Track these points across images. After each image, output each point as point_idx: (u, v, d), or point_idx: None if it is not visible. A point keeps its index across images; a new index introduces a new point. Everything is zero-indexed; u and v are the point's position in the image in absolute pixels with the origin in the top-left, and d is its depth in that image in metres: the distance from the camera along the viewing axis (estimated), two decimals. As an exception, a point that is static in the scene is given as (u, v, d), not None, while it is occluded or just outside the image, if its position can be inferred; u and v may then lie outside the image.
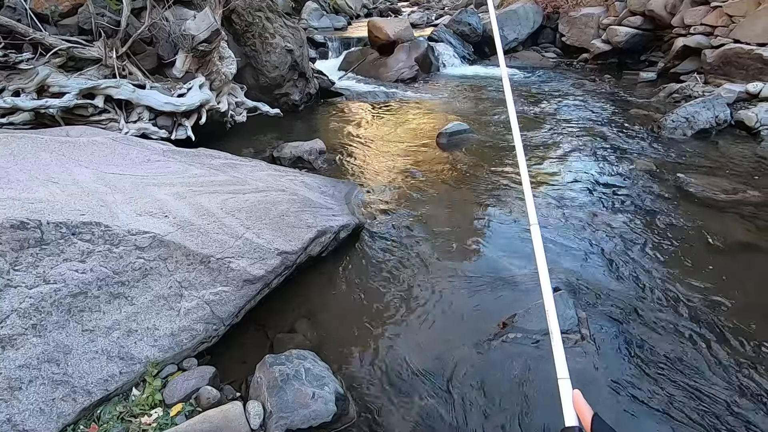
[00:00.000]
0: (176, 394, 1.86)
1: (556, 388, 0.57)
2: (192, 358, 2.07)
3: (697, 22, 7.79)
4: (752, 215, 3.61)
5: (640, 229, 3.45)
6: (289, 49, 6.25)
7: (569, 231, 3.40)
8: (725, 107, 5.49)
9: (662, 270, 2.97)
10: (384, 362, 2.30)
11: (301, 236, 2.68)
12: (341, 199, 3.63)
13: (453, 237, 3.37)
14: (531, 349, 2.31)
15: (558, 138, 5.48)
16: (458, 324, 2.53)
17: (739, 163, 4.59)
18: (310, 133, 5.87)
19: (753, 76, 6.52)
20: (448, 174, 4.51)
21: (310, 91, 7.12)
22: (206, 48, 4.29)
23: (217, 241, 2.31)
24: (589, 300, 2.66)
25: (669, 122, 5.49)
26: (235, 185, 3.01)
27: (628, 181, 4.21)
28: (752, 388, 2.13)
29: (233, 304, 2.19)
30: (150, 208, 2.33)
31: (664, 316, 2.57)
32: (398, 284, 2.88)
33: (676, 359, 2.29)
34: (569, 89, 7.92)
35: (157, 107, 4.04)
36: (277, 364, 1.86)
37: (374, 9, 17.53)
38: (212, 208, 2.56)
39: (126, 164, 2.86)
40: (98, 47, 3.66)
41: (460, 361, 2.29)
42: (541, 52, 11.28)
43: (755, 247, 3.26)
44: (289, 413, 1.72)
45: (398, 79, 9.01)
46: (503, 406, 2.07)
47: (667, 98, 7.09)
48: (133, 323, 1.92)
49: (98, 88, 3.64)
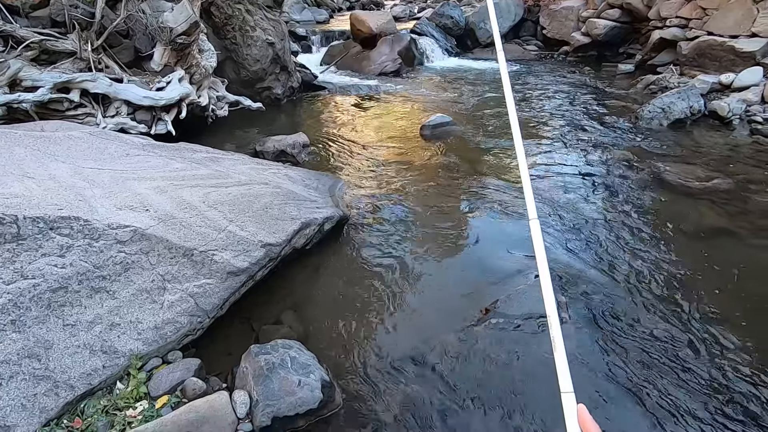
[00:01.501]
0: (161, 386, 1.86)
1: (560, 402, 0.56)
2: (177, 351, 2.06)
3: (673, 15, 7.96)
4: (724, 201, 3.74)
5: (617, 216, 3.54)
6: (270, 42, 6.19)
7: (549, 219, 3.47)
8: (699, 98, 5.64)
9: (638, 254, 3.06)
10: (370, 350, 2.33)
11: (285, 228, 2.69)
12: (325, 192, 3.63)
13: (436, 227, 3.41)
14: (512, 332, 2.37)
15: (538, 129, 5.56)
16: (442, 311, 2.57)
17: (712, 152, 4.73)
18: (293, 126, 5.83)
19: (726, 68, 6.69)
20: (431, 165, 4.54)
21: (293, 85, 7.07)
22: (185, 41, 4.22)
23: (199, 234, 2.30)
24: (570, 285, 2.73)
25: (646, 113, 5.62)
26: (218, 179, 2.99)
27: (605, 170, 4.30)
28: (722, 362, 2.22)
29: (218, 296, 2.19)
30: (130, 202, 2.30)
31: (640, 298, 2.66)
32: (383, 274, 2.91)
33: (653, 338, 2.37)
34: (550, 81, 8.03)
35: (136, 101, 3.98)
36: (263, 354, 1.87)
37: (357, 2, 17.42)
38: (194, 202, 2.54)
39: (104, 159, 2.82)
40: (72, 40, 3.58)
41: (443, 347, 2.33)
42: (523, 44, 11.38)
43: (727, 231, 3.38)
44: (276, 401, 1.73)
45: (381, 72, 9.00)
46: (485, 389, 2.11)
47: (645, 89, 7.24)
48: (116, 317, 1.91)
49: (73, 81, 3.56)
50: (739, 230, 3.39)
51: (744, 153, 4.69)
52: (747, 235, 3.34)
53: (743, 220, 3.51)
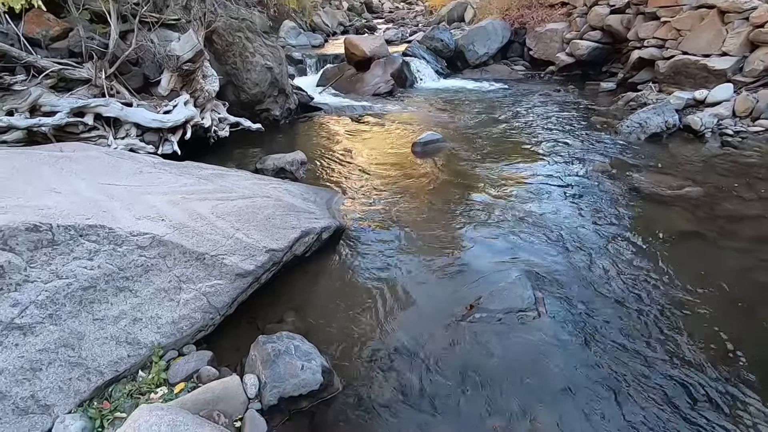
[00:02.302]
0: (179, 374, 2.08)
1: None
2: (191, 345, 2.29)
3: (650, 36, 8.42)
4: (694, 207, 4.02)
5: (595, 222, 3.82)
6: (269, 67, 6.55)
7: (531, 226, 3.74)
8: (674, 113, 5.99)
9: (613, 256, 3.33)
10: (365, 344, 2.56)
11: (286, 236, 2.94)
12: (323, 205, 3.90)
13: (425, 235, 3.67)
14: (494, 325, 2.61)
15: (524, 143, 5.89)
16: (431, 309, 2.81)
17: (685, 163, 5.04)
18: (291, 146, 6.13)
19: (700, 84, 7.09)
20: (422, 180, 4.83)
21: (290, 106, 7.41)
22: (190, 67, 4.55)
23: (210, 240, 2.55)
24: (547, 283, 2.99)
25: (624, 127, 5.96)
26: (224, 192, 3.25)
27: (585, 181, 4.60)
28: (690, 357, 2.45)
29: (227, 294, 2.43)
30: (147, 213, 2.56)
31: (614, 295, 2.91)
32: (376, 278, 3.15)
33: (624, 333, 2.61)
34: (536, 99, 8.42)
35: (145, 124, 4.27)
36: (270, 342, 2.10)
37: (350, 26, 18.05)
38: (204, 213, 2.80)
39: (120, 175, 3.08)
40: (88, 68, 3.88)
41: (432, 340, 2.57)
42: (511, 65, 11.85)
43: (696, 234, 3.65)
44: (282, 382, 1.96)
45: (375, 93, 9.39)
46: (471, 376, 2.34)
47: (625, 106, 7.62)
48: (138, 312, 2.14)
49: (88, 106, 3.86)
50: (708, 233, 3.66)
51: (714, 163, 5.01)
52: (715, 237, 3.61)
53: (711, 224, 3.79)
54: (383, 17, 22.63)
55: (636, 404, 2.18)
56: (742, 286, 2.99)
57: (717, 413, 2.13)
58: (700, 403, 2.18)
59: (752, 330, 2.61)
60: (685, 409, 2.15)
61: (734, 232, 3.67)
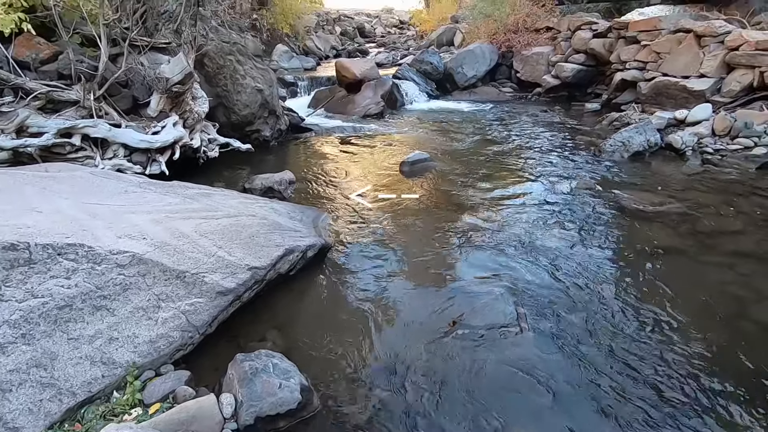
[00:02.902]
0: (154, 394, 2.05)
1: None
2: (169, 365, 2.26)
3: (632, 59, 8.68)
4: (675, 223, 4.09)
5: (578, 238, 3.86)
6: (259, 89, 6.66)
7: (515, 244, 3.77)
8: (655, 132, 6.14)
9: (595, 272, 3.36)
10: (346, 362, 2.54)
11: (270, 254, 2.95)
12: (309, 224, 3.92)
13: (410, 254, 3.68)
14: (476, 342, 2.60)
15: (510, 163, 5.98)
16: (414, 326, 2.81)
17: (667, 180, 5.14)
18: (281, 166, 6.17)
19: (681, 104, 7.29)
20: (409, 199, 4.87)
21: (281, 127, 7.49)
22: (180, 89, 4.61)
23: (191, 258, 2.55)
24: (530, 299, 3.00)
25: (608, 146, 6.09)
26: (208, 211, 3.27)
27: (568, 199, 4.67)
28: (673, 373, 2.46)
29: (207, 313, 2.41)
30: (129, 232, 2.56)
31: (595, 309, 2.92)
32: (360, 296, 3.15)
33: (606, 348, 2.62)
34: (523, 120, 8.58)
35: (133, 144, 4.30)
36: (248, 360, 2.09)
37: (343, 50, 18.43)
38: (187, 231, 2.80)
39: (104, 195, 3.09)
40: (77, 90, 3.93)
41: (415, 358, 2.56)
42: (499, 87, 12.11)
43: (677, 249, 3.70)
44: (258, 401, 1.94)
45: (365, 114, 9.52)
46: (451, 393, 2.33)
47: (609, 125, 7.79)
48: (115, 332, 2.12)
49: (76, 128, 3.89)
50: (688, 249, 3.71)
51: (695, 180, 5.11)
52: (695, 252, 3.66)
53: (692, 239, 3.84)
54: (375, 41, 23.16)
55: (619, 421, 2.17)
56: (721, 300, 3.02)
57: (700, 427, 2.13)
58: (682, 419, 2.17)
59: (732, 342, 2.63)
60: (668, 425, 2.14)
61: (714, 246, 3.73)
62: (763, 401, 2.25)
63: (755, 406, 2.22)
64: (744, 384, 2.35)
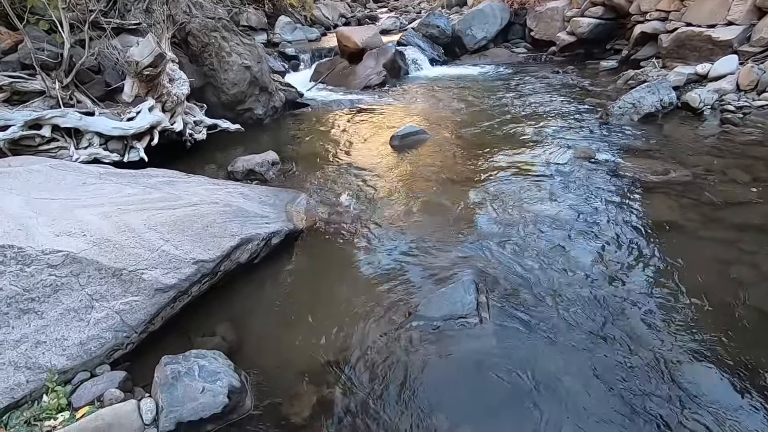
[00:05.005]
0: (84, 398, 2.01)
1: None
2: (106, 365, 2.22)
3: (653, 8, 7.93)
4: (678, 194, 3.72)
5: (568, 213, 3.57)
6: (247, 66, 6.45)
7: (496, 223, 3.53)
8: (670, 90, 5.60)
9: (580, 251, 3.10)
10: (295, 357, 2.44)
11: (221, 245, 2.84)
12: (281, 207, 3.78)
13: (383, 235, 3.51)
14: (431, 334, 2.44)
15: (508, 133, 5.61)
16: (370, 318, 2.65)
17: (677, 144, 4.70)
18: (273, 145, 6.02)
19: (705, 57, 6.63)
20: (394, 176, 4.65)
21: (275, 104, 7.30)
22: (152, 72, 4.48)
23: (131, 254, 2.46)
24: (498, 285, 2.78)
25: (616, 109, 5.61)
26: (167, 201, 3.17)
27: (565, 169, 4.33)
28: (658, 364, 2.23)
29: (144, 311, 2.34)
30: (69, 228, 2.49)
31: (574, 295, 2.68)
32: (324, 285, 3.02)
33: (581, 337, 2.39)
34: (531, 83, 8.06)
35: (106, 132, 4.23)
36: (172, 364, 2.01)
37: (352, 17, 17.77)
38: (135, 224, 2.72)
39: (59, 189, 3.03)
40: (41, 80, 3.85)
41: (366, 351, 2.42)
42: (512, 48, 11.42)
43: (676, 224, 3.37)
44: (179, 407, 1.86)
45: (366, 86, 9.17)
46: (400, 391, 2.20)
47: (624, 84, 7.20)
48: (42, 335, 2.08)
49: (44, 118, 3.83)
50: (689, 223, 3.38)
51: (710, 143, 4.65)
52: (696, 227, 3.33)
53: (695, 212, 3.49)
54: (388, 5, 22.23)
55: (590, 419, 1.98)
56: (718, 282, 2.73)
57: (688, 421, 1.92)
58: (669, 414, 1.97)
59: (730, 330, 2.36)
60: (651, 420, 1.94)
61: (719, 219, 3.38)
62: (760, 391, 2.02)
63: (751, 396, 2.00)
64: (738, 374, 2.11)
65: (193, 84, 5.64)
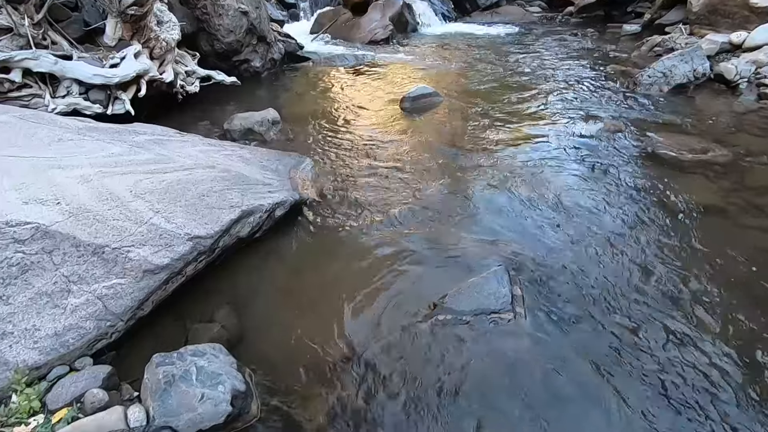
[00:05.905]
0: (61, 398, 1.71)
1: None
2: (87, 357, 1.91)
3: (684, -32, 7.32)
4: (718, 176, 3.42)
5: (596, 194, 3.26)
6: (244, 11, 5.85)
7: (524, 202, 3.20)
8: (704, 59, 5.18)
9: (615, 239, 2.80)
10: (305, 349, 2.15)
11: (220, 218, 2.48)
12: (285, 174, 3.40)
13: (399, 209, 3.17)
14: (458, 329, 2.16)
15: (528, 99, 5.20)
16: (391, 307, 2.36)
17: (714, 120, 4.35)
18: (271, 101, 5.54)
19: (739, 25, 6.15)
20: (406, 141, 4.26)
21: (273, 57, 6.74)
22: (136, 11, 3.94)
23: (115, 228, 2.11)
24: (532, 275, 2.50)
25: (645, 78, 5.20)
26: (157, 164, 2.78)
27: (592, 143, 3.98)
28: (702, 366, 1.99)
29: (131, 297, 2.01)
30: (41, 195, 2.11)
31: (611, 287, 2.41)
32: (335, 264, 2.71)
33: (622, 335, 2.14)
34: (548, 45, 7.53)
35: (86, 80, 3.75)
36: (165, 365, 1.70)
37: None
38: (119, 191, 2.34)
39: (31, 145, 2.61)
40: (6, 14, 3.32)
41: (385, 347, 2.14)
42: (525, 5, 10.75)
43: (717, 209, 3.09)
44: (173, 418, 1.58)
45: (371, 40, 8.57)
46: (424, 394, 1.93)
47: (649, 51, 6.74)
48: (9, 325, 1.75)
49: (12, 60, 3.34)
50: (731, 208, 3.09)
51: (748, 121, 4.30)
52: (738, 213, 3.05)
53: (736, 197, 3.20)
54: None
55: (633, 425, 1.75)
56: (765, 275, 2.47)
57: None
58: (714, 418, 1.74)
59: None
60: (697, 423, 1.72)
61: (763, 207, 3.09)
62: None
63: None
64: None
65: (185, 29, 5.08)
